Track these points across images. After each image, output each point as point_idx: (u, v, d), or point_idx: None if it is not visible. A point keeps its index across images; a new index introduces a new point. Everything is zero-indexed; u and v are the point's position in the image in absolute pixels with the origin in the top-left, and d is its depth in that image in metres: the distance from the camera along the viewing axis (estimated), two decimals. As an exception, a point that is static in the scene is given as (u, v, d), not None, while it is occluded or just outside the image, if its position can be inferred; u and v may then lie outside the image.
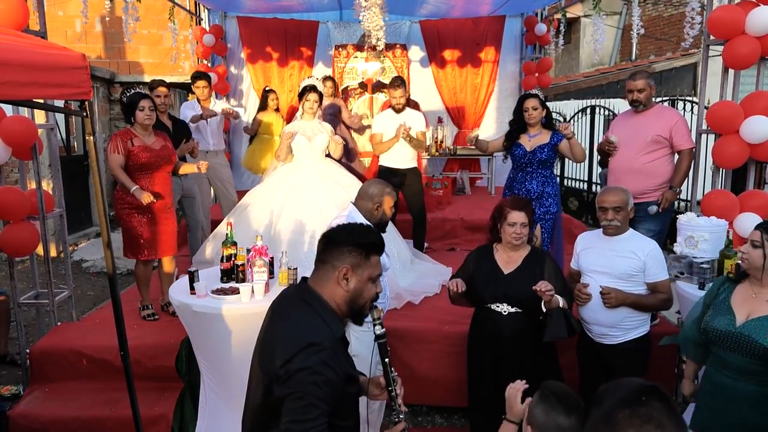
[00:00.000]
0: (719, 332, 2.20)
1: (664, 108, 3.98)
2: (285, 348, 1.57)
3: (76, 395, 3.49)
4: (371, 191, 2.92)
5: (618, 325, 2.80)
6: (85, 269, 7.03)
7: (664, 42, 12.71)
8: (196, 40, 7.28)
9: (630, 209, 2.82)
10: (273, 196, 4.44)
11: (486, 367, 2.90)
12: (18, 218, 3.68)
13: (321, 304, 1.68)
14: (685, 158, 3.76)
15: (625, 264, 2.77)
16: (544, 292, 2.61)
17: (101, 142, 9.52)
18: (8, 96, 2.05)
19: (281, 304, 1.77)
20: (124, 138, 3.77)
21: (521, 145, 4.04)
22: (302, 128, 4.51)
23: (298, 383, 1.53)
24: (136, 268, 4.06)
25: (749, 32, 3.46)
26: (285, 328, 1.64)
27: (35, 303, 4.00)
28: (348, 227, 1.80)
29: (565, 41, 7.75)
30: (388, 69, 7.75)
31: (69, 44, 9.49)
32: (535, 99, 4.01)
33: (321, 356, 1.56)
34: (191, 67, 9.33)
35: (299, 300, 1.71)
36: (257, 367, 1.68)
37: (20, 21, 3.27)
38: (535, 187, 4.02)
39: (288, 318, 1.67)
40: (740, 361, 2.14)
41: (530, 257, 2.86)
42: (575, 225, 6.29)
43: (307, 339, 1.58)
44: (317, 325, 1.64)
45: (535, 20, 7.45)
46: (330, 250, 1.72)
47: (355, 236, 1.74)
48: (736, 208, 3.54)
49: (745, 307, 2.19)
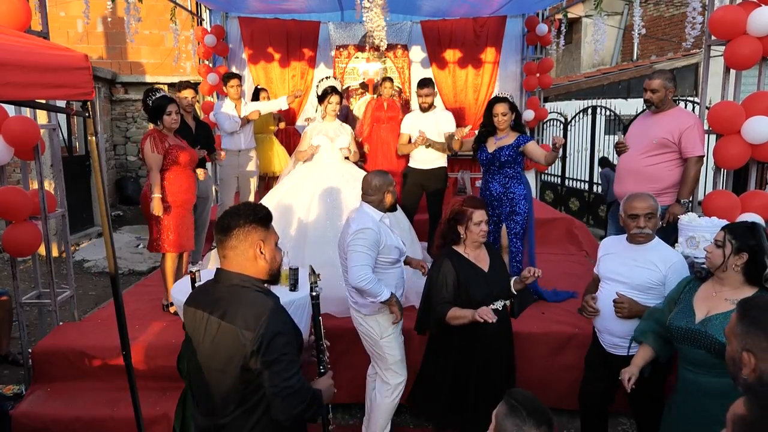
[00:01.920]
0: (680, 329, 2.28)
1: (681, 111, 3.82)
2: (249, 326, 1.72)
3: (78, 395, 3.50)
4: (374, 184, 3.04)
5: (629, 335, 2.66)
6: (86, 269, 7.04)
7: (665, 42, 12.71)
8: (197, 40, 7.29)
9: (659, 216, 2.72)
10: (297, 195, 4.48)
11: (474, 366, 2.86)
12: (20, 218, 3.69)
13: (252, 281, 1.85)
14: (691, 167, 3.62)
15: (645, 275, 2.64)
16: (537, 276, 2.79)
17: (103, 143, 9.55)
18: (10, 96, 2.05)
19: (210, 298, 1.85)
20: (162, 138, 3.92)
21: (485, 148, 4.12)
22: (324, 129, 4.61)
23: (275, 348, 1.72)
24: (166, 263, 4.09)
25: (751, 32, 3.46)
26: (238, 312, 1.76)
27: (37, 303, 4.01)
28: (236, 212, 1.88)
29: (567, 41, 7.74)
30: (389, 69, 7.75)
31: (71, 45, 9.51)
32: (505, 104, 4.01)
33: (281, 318, 1.79)
34: (192, 68, 9.36)
35: (232, 287, 1.83)
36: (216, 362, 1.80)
37: (22, 21, 3.28)
38: (496, 188, 4.07)
39: (233, 303, 1.79)
40: (699, 355, 2.22)
41: (489, 250, 2.99)
42: (576, 226, 6.29)
43: (264, 309, 1.75)
44: (263, 298, 1.81)
45: (537, 20, 7.45)
46: (235, 235, 1.83)
47: (251, 215, 1.86)
48: (738, 208, 3.54)
49: (706, 304, 2.27)
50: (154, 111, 3.95)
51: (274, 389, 1.73)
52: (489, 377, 2.85)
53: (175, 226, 4.00)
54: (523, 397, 1.63)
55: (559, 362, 3.63)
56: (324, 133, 4.57)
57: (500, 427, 1.60)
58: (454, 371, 2.89)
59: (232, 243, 1.84)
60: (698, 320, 2.24)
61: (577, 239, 6.06)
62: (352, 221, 2.99)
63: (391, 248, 2.98)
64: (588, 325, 3.59)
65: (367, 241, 2.86)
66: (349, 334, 3.36)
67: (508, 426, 1.58)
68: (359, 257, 2.86)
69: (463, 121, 8.01)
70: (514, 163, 4.03)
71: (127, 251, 7.53)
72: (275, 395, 1.74)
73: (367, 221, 2.93)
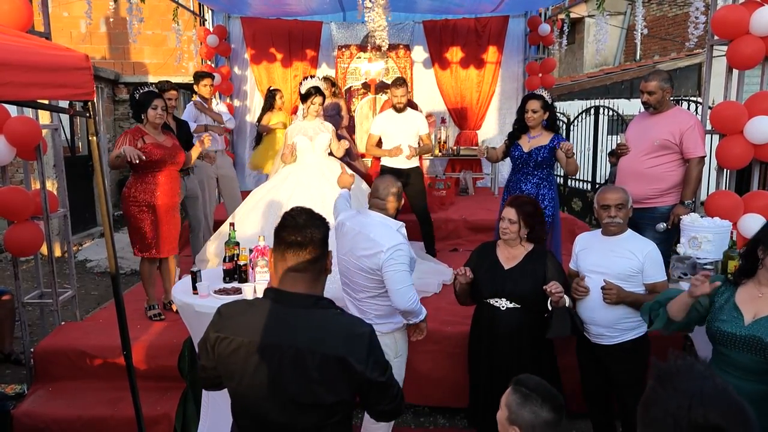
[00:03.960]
0: (727, 333, 2.21)
1: (681, 111, 3.79)
2: (358, 352, 1.59)
3: (79, 394, 3.51)
4: (380, 192, 2.87)
5: (615, 325, 2.79)
6: (89, 269, 7.06)
7: (668, 42, 12.68)
8: (199, 40, 7.30)
9: (630, 207, 2.83)
10: (277, 194, 4.48)
11: (483, 363, 2.92)
12: (22, 218, 3.70)
13: (328, 301, 1.70)
14: (693, 168, 3.60)
15: (624, 264, 2.76)
16: (553, 293, 2.63)
17: (105, 143, 9.56)
18: (12, 96, 2.06)
19: (284, 326, 1.62)
20: (135, 136, 3.81)
21: (519, 146, 4.02)
22: (304, 128, 4.57)
23: (383, 363, 1.65)
24: (142, 267, 4.06)
25: (753, 32, 3.45)
26: (339, 340, 1.60)
27: (39, 303, 4.01)
28: (310, 221, 1.66)
29: (569, 41, 7.71)
30: (391, 69, 7.76)
31: (74, 45, 9.54)
32: (538, 101, 3.94)
33: (375, 333, 1.68)
34: (195, 68, 9.36)
35: (314, 311, 1.65)
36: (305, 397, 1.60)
37: (24, 22, 3.29)
38: (529, 189, 3.98)
39: (328, 331, 1.62)
40: (750, 360, 2.15)
41: (531, 254, 2.87)
42: (579, 226, 6.27)
43: (359, 328, 1.65)
44: (348, 317, 1.73)
45: (539, 20, 7.44)
46: (314, 249, 1.64)
47: (324, 224, 1.70)
48: (740, 208, 3.53)
49: (752, 306, 2.21)
50: (139, 105, 3.84)
51: (392, 399, 1.68)
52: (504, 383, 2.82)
53: (152, 230, 3.86)
54: (534, 384, 1.68)
55: (562, 363, 3.59)
56: (303, 132, 4.54)
57: (516, 416, 1.64)
58: (473, 375, 2.98)
59: (311, 257, 1.63)
60: (746, 323, 2.19)
61: (579, 239, 6.04)
62: (378, 237, 2.71)
63: (413, 260, 2.82)
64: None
65: (406, 257, 2.70)
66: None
67: (525, 414, 1.62)
68: (404, 276, 2.65)
69: (464, 122, 8.03)
70: (549, 165, 3.97)
71: (128, 251, 7.46)
72: (394, 402, 1.69)
73: (397, 236, 2.74)
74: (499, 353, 2.84)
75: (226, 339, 1.64)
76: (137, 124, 3.93)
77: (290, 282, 1.64)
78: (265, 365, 1.60)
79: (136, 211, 3.86)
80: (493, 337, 2.86)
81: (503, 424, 1.69)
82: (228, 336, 1.65)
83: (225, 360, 1.66)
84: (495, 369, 2.85)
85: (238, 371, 1.64)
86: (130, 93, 3.97)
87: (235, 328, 1.65)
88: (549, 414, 1.62)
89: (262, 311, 1.65)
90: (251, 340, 1.62)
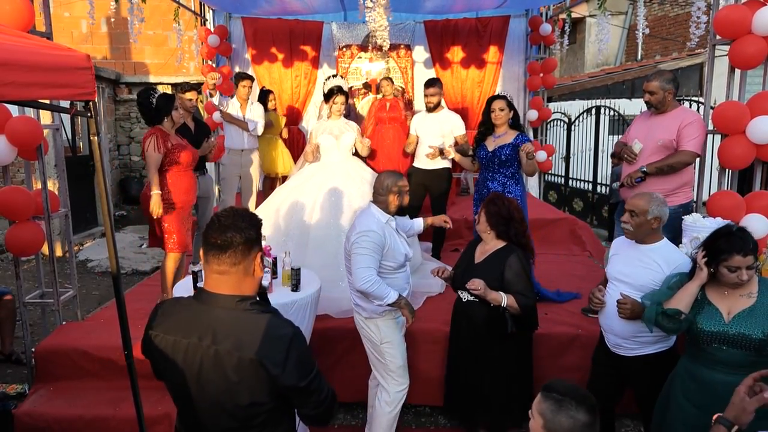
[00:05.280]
0: (711, 333, 2.26)
1: (684, 111, 3.74)
2: (276, 356, 1.58)
3: (81, 394, 3.51)
4: (385, 184, 3.01)
5: (633, 337, 2.66)
6: (90, 269, 7.06)
7: (670, 42, 12.67)
8: (200, 40, 7.30)
9: (651, 219, 2.61)
10: (301, 194, 4.48)
11: (452, 353, 3.15)
12: (23, 218, 3.70)
13: (252, 302, 1.68)
14: (680, 154, 3.55)
15: (647, 275, 2.61)
16: (468, 288, 2.78)
17: (106, 143, 9.57)
18: (13, 96, 2.06)
19: (204, 325, 1.63)
20: (165, 137, 3.89)
21: (485, 146, 4.13)
22: (329, 127, 4.61)
23: (308, 368, 1.63)
24: (168, 263, 4.05)
25: (756, 32, 3.44)
26: (257, 342, 1.59)
27: (40, 302, 4.01)
28: (234, 224, 1.64)
29: (570, 41, 7.71)
30: (392, 69, 7.75)
31: (75, 45, 9.55)
32: (502, 100, 4.08)
33: (299, 333, 1.65)
34: (196, 68, 9.38)
35: (234, 312, 1.64)
36: (225, 398, 1.63)
37: (26, 22, 3.29)
38: (495, 187, 4.06)
39: (246, 332, 1.61)
40: (736, 354, 2.21)
41: (499, 251, 2.92)
42: (580, 226, 6.26)
43: (285, 332, 1.63)
44: (276, 320, 1.67)
45: (540, 20, 7.43)
46: (236, 252, 1.62)
47: (253, 227, 1.68)
48: (743, 209, 3.52)
49: (724, 303, 2.28)
50: (160, 109, 3.90)
51: (317, 405, 1.67)
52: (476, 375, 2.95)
53: (177, 226, 3.99)
54: (565, 388, 1.66)
55: (562, 363, 3.61)
56: (329, 131, 4.57)
57: (552, 424, 1.62)
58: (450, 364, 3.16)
59: (231, 260, 1.63)
60: (727, 321, 2.24)
61: (580, 240, 6.04)
62: (357, 223, 2.97)
63: (396, 253, 2.94)
64: (591, 326, 3.59)
65: (371, 243, 2.83)
66: (351, 335, 3.36)
67: (562, 420, 1.60)
68: (363, 259, 2.82)
69: (465, 122, 8.01)
70: (514, 162, 4.03)
71: (130, 251, 7.55)
72: (319, 408, 1.68)
73: (371, 223, 2.90)
74: (464, 343, 3.01)
75: (158, 336, 1.70)
76: (156, 126, 3.93)
77: (214, 283, 1.67)
78: (188, 364, 1.65)
79: (165, 209, 3.91)
80: (457, 327, 3.08)
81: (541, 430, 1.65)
82: (159, 333, 1.71)
83: (157, 356, 1.72)
84: (460, 358, 3.04)
85: (169, 368, 1.69)
86: (142, 98, 3.94)
87: (167, 326, 1.71)
88: (586, 416, 1.60)
89: (189, 310, 1.70)
90: (176, 338, 1.67)
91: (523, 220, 3.01)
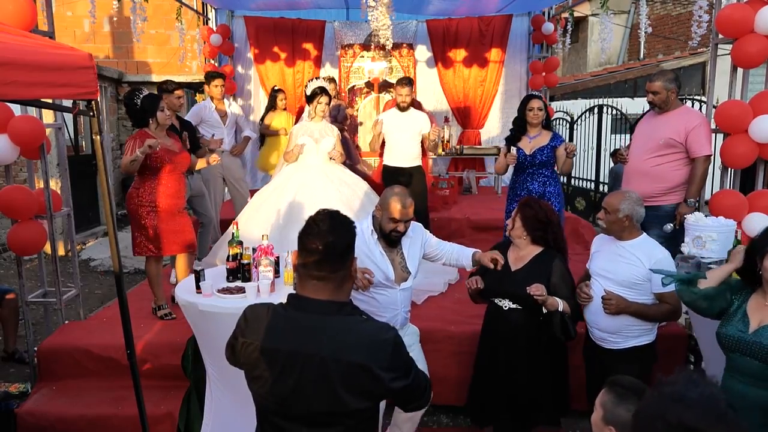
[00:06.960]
0: (732, 338, 2.24)
1: (688, 111, 3.78)
2: (382, 359, 1.56)
3: (83, 393, 3.52)
4: (384, 202, 2.80)
5: (618, 332, 2.75)
6: (92, 268, 7.07)
7: (672, 41, 12.65)
8: (203, 39, 7.31)
9: (623, 217, 2.69)
10: (281, 195, 4.47)
11: (487, 360, 2.98)
12: (26, 217, 3.70)
13: (353, 307, 1.68)
14: (699, 166, 3.60)
15: (629, 271, 2.69)
16: (532, 294, 2.65)
17: (108, 142, 9.58)
18: (16, 96, 2.06)
19: (310, 335, 1.59)
20: (143, 140, 3.73)
21: (521, 148, 4.10)
22: (309, 130, 4.57)
23: (408, 364, 1.63)
24: (149, 267, 4.02)
25: (758, 31, 3.43)
26: (362, 347, 1.57)
27: (43, 301, 4.02)
28: (341, 228, 1.66)
29: (573, 40, 7.71)
30: (394, 68, 7.75)
31: (77, 44, 9.55)
32: (539, 100, 4.10)
33: (399, 337, 1.63)
34: (198, 67, 9.38)
35: (338, 319, 1.61)
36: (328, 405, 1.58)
37: (28, 21, 3.29)
38: (536, 188, 4.07)
39: (351, 337, 1.59)
40: (756, 366, 2.18)
41: (539, 256, 2.86)
42: (582, 225, 6.27)
43: (383, 334, 1.61)
44: (372, 323, 1.68)
45: (543, 19, 7.42)
46: (331, 261, 1.61)
47: (353, 231, 1.68)
48: (745, 207, 3.51)
49: (759, 314, 2.23)
50: (146, 110, 3.79)
51: (419, 396, 1.68)
52: (513, 381, 2.86)
53: (156, 229, 3.86)
54: (629, 383, 1.74)
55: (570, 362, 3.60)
56: (309, 133, 4.53)
57: (611, 415, 1.70)
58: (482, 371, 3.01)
59: (332, 266, 1.60)
60: (751, 330, 2.21)
61: (583, 239, 6.03)
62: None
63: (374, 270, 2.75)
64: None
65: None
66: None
67: (621, 413, 1.67)
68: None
69: (467, 121, 8.02)
70: (551, 163, 4.06)
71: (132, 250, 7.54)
72: (421, 400, 1.70)
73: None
74: (503, 352, 2.87)
75: (252, 344, 1.64)
76: (143, 129, 3.85)
77: (312, 289, 1.62)
78: (287, 373, 1.58)
79: (145, 212, 3.83)
80: (496, 336, 2.92)
81: (598, 424, 1.72)
82: (253, 342, 1.64)
83: (250, 365, 1.66)
84: (498, 367, 2.89)
85: (262, 377, 1.63)
86: (127, 100, 3.85)
87: (260, 334, 1.64)
88: None
89: (285, 318, 1.64)
90: (274, 347, 1.60)
91: (560, 224, 2.98)
